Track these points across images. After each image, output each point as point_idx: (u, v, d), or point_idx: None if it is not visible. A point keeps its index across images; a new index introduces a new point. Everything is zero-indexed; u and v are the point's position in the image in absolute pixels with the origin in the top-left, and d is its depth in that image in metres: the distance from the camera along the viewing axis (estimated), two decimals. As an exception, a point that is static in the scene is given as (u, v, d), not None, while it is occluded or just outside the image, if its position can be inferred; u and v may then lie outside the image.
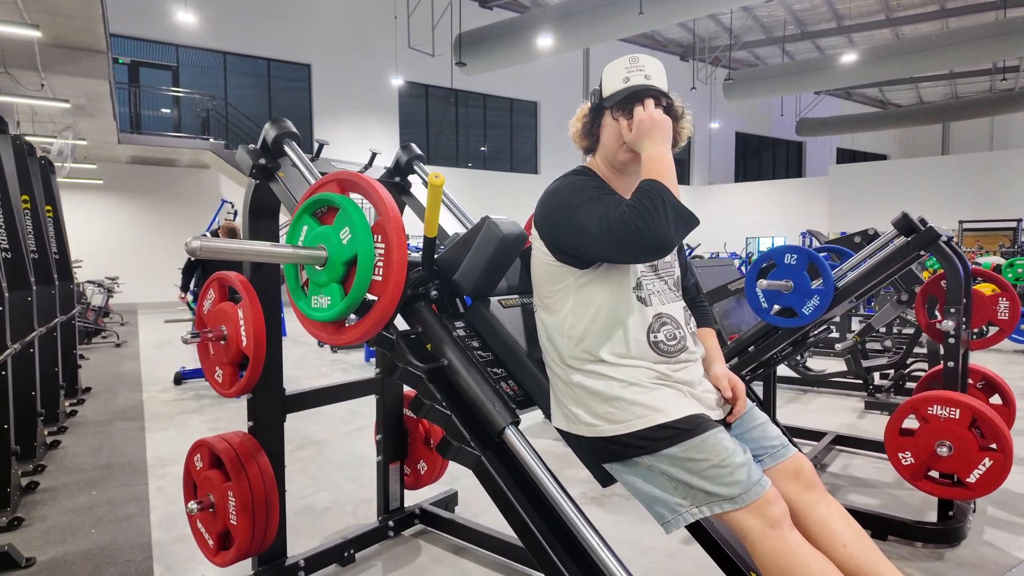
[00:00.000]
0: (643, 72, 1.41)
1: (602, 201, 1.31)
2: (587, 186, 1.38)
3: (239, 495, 1.87)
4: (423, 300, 1.57)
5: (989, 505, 2.76)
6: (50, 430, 3.90)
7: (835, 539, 1.25)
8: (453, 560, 2.33)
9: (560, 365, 1.41)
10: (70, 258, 5.04)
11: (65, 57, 6.32)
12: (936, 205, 17.71)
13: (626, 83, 1.41)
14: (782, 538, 1.17)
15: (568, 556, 1.31)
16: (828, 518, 1.29)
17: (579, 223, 1.32)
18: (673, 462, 1.26)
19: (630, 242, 1.23)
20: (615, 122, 1.43)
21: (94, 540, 2.49)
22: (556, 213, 1.38)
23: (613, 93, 1.42)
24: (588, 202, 1.33)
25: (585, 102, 1.54)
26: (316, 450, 3.67)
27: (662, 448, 1.27)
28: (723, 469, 1.22)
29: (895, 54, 15.06)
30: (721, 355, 1.51)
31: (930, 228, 2.50)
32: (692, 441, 1.25)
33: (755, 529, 1.18)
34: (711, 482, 1.22)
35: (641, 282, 1.41)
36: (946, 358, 2.48)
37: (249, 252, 1.29)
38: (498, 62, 14.11)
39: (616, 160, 1.46)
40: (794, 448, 1.40)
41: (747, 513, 1.19)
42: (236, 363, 1.97)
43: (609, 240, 1.26)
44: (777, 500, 1.20)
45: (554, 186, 1.44)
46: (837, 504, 1.33)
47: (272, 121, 1.93)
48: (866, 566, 1.23)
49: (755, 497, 1.20)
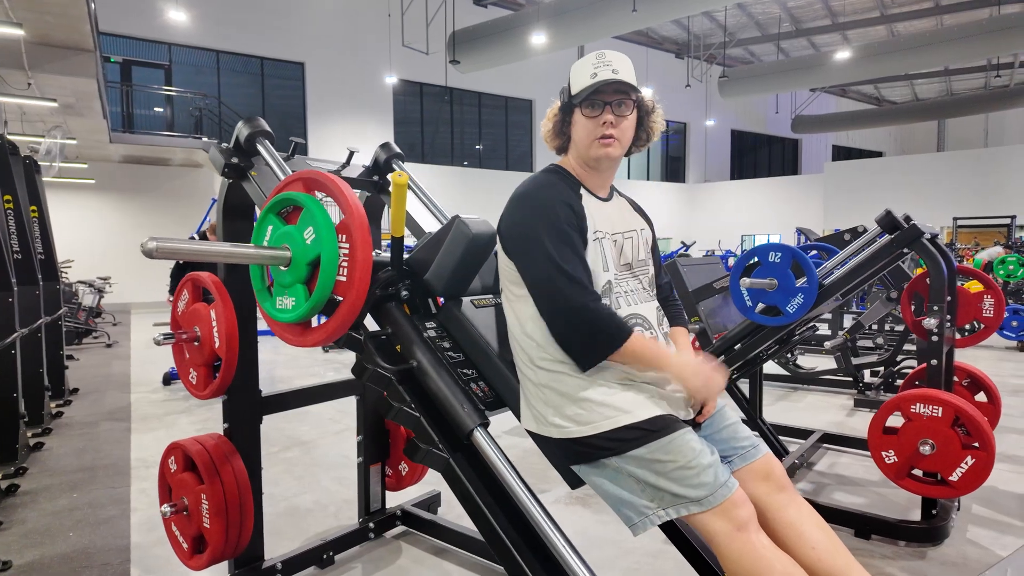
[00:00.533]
0: (610, 67, 1.40)
1: (564, 252, 1.32)
2: (554, 205, 1.36)
3: (212, 498, 1.85)
4: (394, 301, 1.55)
5: (974, 503, 2.75)
6: (34, 432, 3.87)
7: (804, 542, 1.24)
8: (433, 562, 2.31)
9: (529, 366, 1.40)
10: (56, 258, 5.01)
11: (52, 56, 6.27)
12: (931, 202, 17.75)
13: (593, 79, 1.39)
14: (748, 541, 1.15)
15: (535, 559, 1.29)
16: (798, 520, 1.27)
17: (532, 257, 1.34)
18: (640, 463, 1.25)
19: (560, 317, 1.30)
20: (586, 119, 1.41)
21: (72, 543, 2.46)
22: (517, 229, 1.39)
23: (581, 90, 1.41)
24: (551, 239, 1.33)
25: (555, 100, 1.52)
26: (303, 451, 3.65)
27: (629, 449, 1.25)
28: (690, 471, 1.20)
29: (890, 51, 15.08)
30: (692, 353, 1.49)
31: (913, 225, 2.49)
32: (659, 442, 1.24)
33: (721, 532, 1.16)
34: (678, 484, 1.21)
35: (612, 285, 1.40)
36: (929, 356, 2.47)
37: (210, 253, 1.27)
38: (492, 60, 14.08)
39: (588, 157, 1.44)
40: (765, 448, 1.39)
41: (713, 515, 1.17)
42: (210, 364, 1.94)
43: (546, 298, 1.32)
44: (744, 503, 1.18)
45: (522, 189, 1.43)
46: (808, 506, 1.31)
47: (245, 120, 1.91)
48: (835, 570, 1.21)
49: (721, 499, 1.18)
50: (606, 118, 1.39)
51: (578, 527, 2.57)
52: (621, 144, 1.43)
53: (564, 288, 1.29)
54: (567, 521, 2.63)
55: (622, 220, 1.51)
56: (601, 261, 1.40)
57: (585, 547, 2.39)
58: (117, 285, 10.78)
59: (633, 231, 1.52)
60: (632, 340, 1.29)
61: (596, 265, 1.39)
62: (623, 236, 1.49)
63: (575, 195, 1.43)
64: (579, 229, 1.38)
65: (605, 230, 1.44)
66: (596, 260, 1.39)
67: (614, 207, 1.53)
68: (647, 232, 1.59)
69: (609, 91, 1.40)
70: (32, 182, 4.67)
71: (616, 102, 1.40)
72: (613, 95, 1.40)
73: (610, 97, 1.40)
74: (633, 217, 1.57)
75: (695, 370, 1.29)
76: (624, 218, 1.53)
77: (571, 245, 1.34)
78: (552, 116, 1.51)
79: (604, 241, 1.43)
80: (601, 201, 1.49)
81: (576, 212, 1.38)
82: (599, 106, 1.40)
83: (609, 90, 1.39)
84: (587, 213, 1.42)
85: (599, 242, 1.41)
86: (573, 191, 1.44)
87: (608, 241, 1.44)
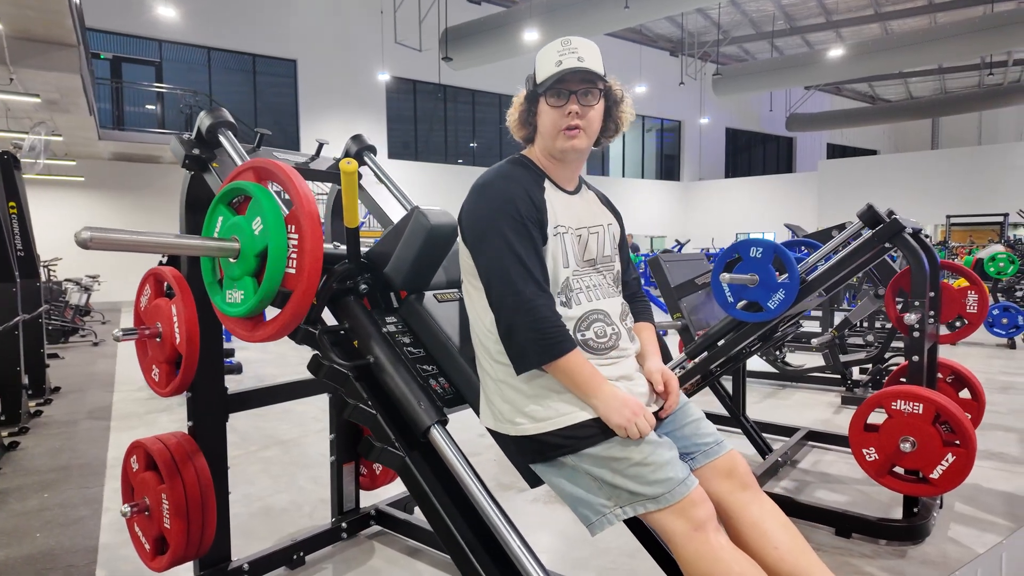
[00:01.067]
0: (575, 55, 1.34)
1: (523, 246, 1.27)
2: (514, 196, 1.31)
3: (172, 498, 1.80)
4: (352, 294, 1.51)
5: (957, 501, 2.72)
6: (10, 431, 3.82)
7: (767, 541, 1.20)
8: (406, 562, 2.27)
9: (488, 361, 1.35)
10: (36, 255, 4.94)
11: (34, 50, 6.19)
12: (925, 200, 17.78)
13: (558, 67, 1.34)
14: (706, 541, 1.11)
15: (491, 560, 1.25)
16: (761, 519, 1.23)
17: (489, 247, 1.29)
18: (596, 461, 1.21)
19: (508, 312, 1.26)
20: (551, 109, 1.36)
21: (38, 544, 2.41)
22: (475, 218, 1.34)
23: (546, 79, 1.36)
24: (509, 231, 1.28)
25: (521, 90, 1.48)
26: (282, 450, 3.60)
27: (584, 447, 1.21)
28: (646, 467, 1.16)
29: (884, 49, 15.08)
30: (657, 350, 1.45)
31: (894, 220, 2.45)
32: (615, 439, 1.20)
33: (679, 532, 1.12)
34: (634, 481, 1.17)
35: (569, 283, 1.36)
36: (911, 352, 2.44)
37: (152, 244, 1.22)
38: (485, 57, 14.03)
39: (555, 149, 1.39)
40: (728, 446, 1.35)
41: (671, 515, 1.13)
42: (172, 361, 1.89)
43: (498, 290, 1.27)
44: (703, 502, 1.14)
45: (483, 179, 1.38)
46: (772, 504, 1.27)
47: (207, 110, 1.86)
48: (799, 570, 1.17)
49: (679, 497, 1.14)
50: (571, 108, 1.34)
51: (556, 527, 2.53)
52: (588, 135, 1.38)
53: (518, 283, 1.25)
54: (545, 520, 2.59)
55: (589, 214, 1.47)
56: (562, 256, 1.36)
57: (562, 547, 2.36)
58: (106, 284, 10.70)
59: (600, 226, 1.48)
60: (570, 357, 1.24)
61: (556, 261, 1.35)
62: (588, 231, 1.44)
63: (537, 187, 1.38)
64: (539, 223, 1.33)
65: (568, 224, 1.40)
66: (556, 255, 1.35)
67: (581, 201, 1.48)
68: (615, 227, 1.54)
69: (575, 80, 1.35)
70: (11, 178, 4.60)
71: (582, 91, 1.35)
72: (579, 84, 1.35)
73: (575, 86, 1.35)
74: (601, 211, 1.52)
75: (622, 403, 1.23)
76: (591, 212, 1.48)
77: (530, 239, 1.30)
78: (518, 105, 1.46)
79: (566, 236, 1.38)
80: (567, 194, 1.45)
81: (536, 205, 1.34)
82: (564, 95, 1.35)
83: (575, 79, 1.34)
84: (549, 207, 1.37)
85: (560, 237, 1.37)
86: (536, 183, 1.39)
87: (571, 236, 1.40)
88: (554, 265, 1.35)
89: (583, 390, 1.24)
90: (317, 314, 1.45)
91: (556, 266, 1.35)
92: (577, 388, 1.25)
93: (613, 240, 1.51)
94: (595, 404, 1.23)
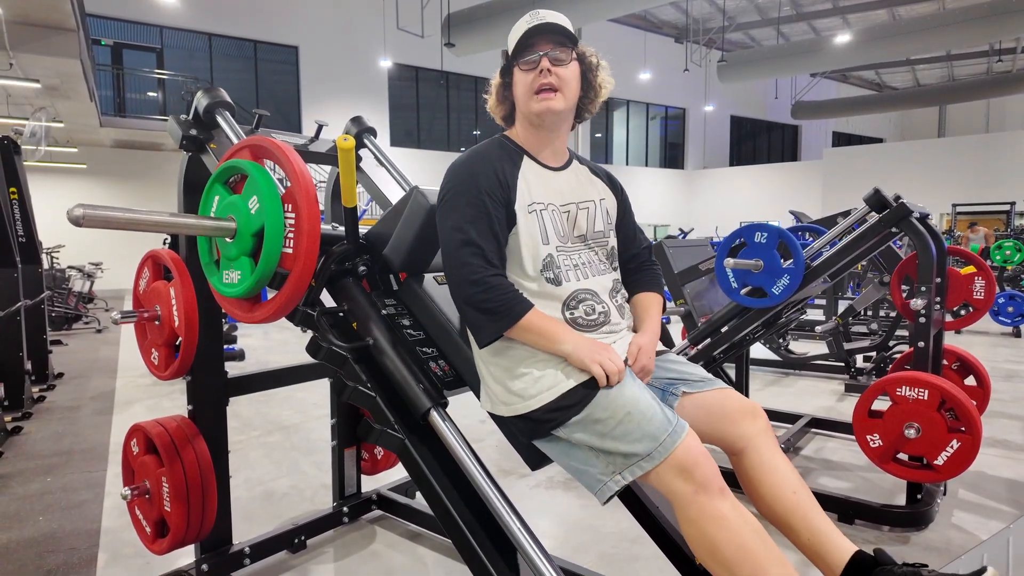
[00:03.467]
0: (543, 20, 1.36)
1: (476, 223, 1.28)
2: (478, 174, 1.31)
3: (172, 481, 1.79)
4: (351, 276, 1.49)
5: (961, 488, 2.71)
6: (13, 416, 3.83)
7: (787, 484, 1.24)
8: (407, 546, 2.27)
9: None
10: (37, 241, 4.93)
11: (33, 35, 6.15)
12: (931, 188, 17.63)
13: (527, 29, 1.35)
14: (711, 504, 1.08)
15: (491, 541, 1.24)
16: (781, 464, 1.28)
17: (447, 225, 1.30)
18: (583, 428, 1.20)
19: (460, 289, 1.27)
20: (523, 73, 1.36)
21: (40, 528, 2.42)
22: (441, 200, 1.34)
23: (515, 44, 1.36)
24: (465, 208, 1.29)
25: (496, 74, 1.46)
26: (284, 435, 3.61)
27: (570, 417, 1.21)
28: (630, 423, 1.15)
29: (891, 35, 14.89)
30: (655, 328, 1.42)
31: (901, 204, 2.42)
32: (594, 401, 1.20)
33: (681, 493, 1.10)
34: (623, 442, 1.15)
35: (554, 260, 1.34)
36: (916, 338, 2.41)
37: (147, 223, 1.20)
38: (488, 43, 13.89)
39: (531, 112, 1.37)
40: (719, 383, 1.36)
41: (673, 474, 1.11)
42: (171, 344, 1.88)
43: (450, 268, 1.29)
44: (706, 462, 1.11)
45: (458, 159, 1.38)
46: (788, 461, 1.32)
47: (204, 89, 1.84)
48: (812, 514, 1.23)
49: (672, 447, 1.12)
50: (542, 66, 1.33)
51: (557, 511, 2.53)
52: (564, 97, 1.36)
53: (465, 258, 1.26)
54: (548, 505, 2.59)
55: (577, 189, 1.44)
56: (540, 233, 1.34)
57: (564, 532, 2.36)
58: (109, 271, 10.71)
59: (591, 201, 1.45)
60: (527, 318, 1.25)
61: (533, 238, 1.33)
62: (577, 206, 1.42)
63: (511, 165, 1.37)
64: (503, 201, 1.32)
65: (549, 201, 1.38)
66: (533, 232, 1.33)
67: (568, 176, 1.45)
68: (609, 201, 1.51)
69: (543, 41, 1.34)
70: (11, 164, 4.58)
71: (552, 52, 1.34)
72: (548, 44, 1.35)
73: (545, 47, 1.34)
74: (592, 186, 1.49)
75: (591, 344, 1.24)
76: (581, 187, 1.46)
77: (486, 216, 1.29)
78: (495, 85, 1.46)
79: (545, 213, 1.36)
80: (549, 170, 1.42)
81: (501, 182, 1.32)
82: (535, 56, 1.34)
83: (543, 40, 1.34)
84: (523, 183, 1.35)
85: (537, 214, 1.35)
86: (511, 160, 1.38)
87: (552, 212, 1.37)
88: (532, 243, 1.33)
89: (550, 339, 1.25)
90: (315, 296, 1.43)
91: (535, 243, 1.33)
92: (545, 340, 1.25)
93: (607, 215, 1.48)
94: (564, 350, 1.24)
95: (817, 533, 1.21)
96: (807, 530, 1.22)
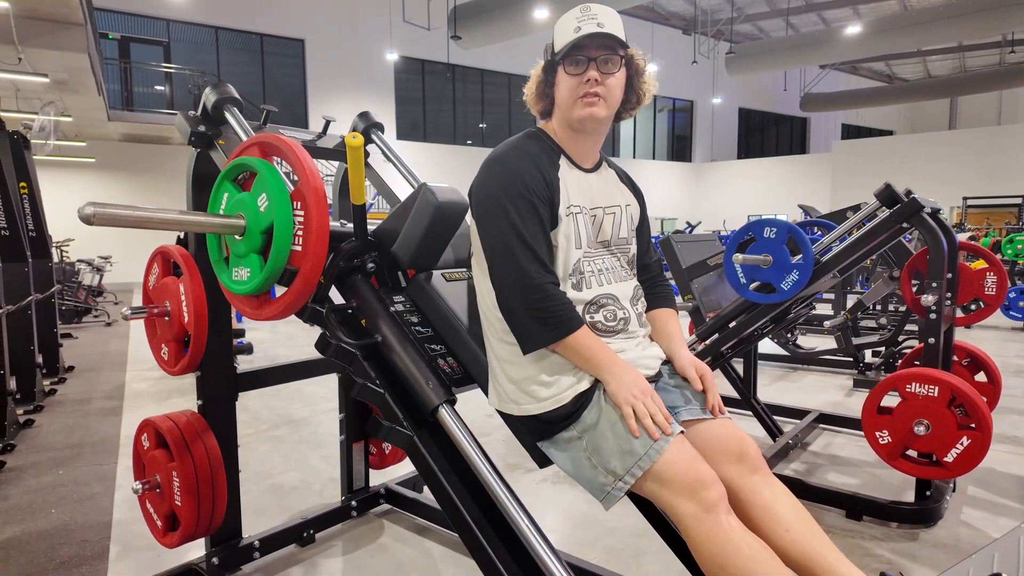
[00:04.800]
0: (595, 20, 1.29)
1: (528, 224, 1.25)
2: (524, 172, 1.28)
3: (183, 476, 1.81)
4: (359, 273, 1.49)
5: (970, 485, 2.69)
6: (25, 409, 3.87)
7: (778, 524, 1.18)
8: (415, 540, 2.28)
9: (495, 340, 1.33)
10: (47, 235, 4.96)
11: (41, 30, 6.17)
12: (942, 181, 17.46)
13: (577, 32, 1.29)
14: (717, 523, 1.09)
15: (499, 537, 1.24)
16: (772, 502, 1.20)
17: (494, 224, 1.26)
18: (586, 430, 1.21)
19: (513, 292, 1.23)
20: (569, 77, 1.31)
21: (53, 520, 2.45)
22: (483, 194, 1.31)
23: (564, 45, 1.30)
24: (515, 208, 1.25)
25: (539, 60, 1.43)
26: (292, 429, 3.63)
27: (576, 419, 1.21)
28: (629, 419, 1.16)
29: (902, 26, 14.71)
30: (683, 339, 1.42)
31: (913, 199, 2.40)
32: (593, 400, 1.20)
33: (689, 514, 1.10)
34: (621, 439, 1.16)
35: (580, 265, 1.33)
36: (927, 334, 2.40)
37: (156, 221, 1.20)
38: (495, 35, 13.84)
39: (572, 119, 1.33)
40: (728, 418, 1.33)
41: (680, 497, 1.11)
42: (180, 340, 1.90)
43: (501, 269, 1.25)
44: (714, 484, 1.12)
45: (495, 153, 1.34)
46: (783, 488, 1.25)
47: (212, 85, 1.83)
48: (811, 551, 1.15)
49: (666, 444, 1.13)
50: (590, 75, 1.29)
51: (564, 507, 2.54)
52: (607, 105, 1.32)
53: (523, 262, 1.22)
54: (554, 500, 2.59)
55: (606, 194, 1.42)
56: (575, 238, 1.32)
57: (570, 527, 2.36)
58: (118, 264, 10.78)
59: (617, 206, 1.43)
60: (578, 334, 1.22)
61: (568, 241, 1.31)
62: (604, 211, 1.39)
63: (551, 163, 1.34)
64: (548, 202, 1.29)
65: (582, 204, 1.35)
66: (569, 236, 1.31)
67: (598, 179, 1.43)
68: (634, 208, 1.49)
69: (593, 46, 1.29)
70: (21, 158, 4.61)
71: (602, 58, 1.30)
72: (598, 50, 1.30)
73: (595, 52, 1.29)
74: (619, 191, 1.47)
75: (633, 381, 1.20)
76: (608, 191, 1.43)
77: (537, 218, 1.26)
78: (536, 77, 1.40)
79: (580, 216, 1.34)
80: (583, 172, 1.40)
81: (547, 182, 1.30)
82: (583, 62, 1.29)
83: (593, 44, 1.29)
84: (562, 185, 1.32)
85: (573, 217, 1.33)
86: (550, 159, 1.34)
87: (585, 216, 1.35)
88: (567, 245, 1.31)
89: (593, 365, 1.23)
90: (324, 293, 1.43)
91: (569, 247, 1.31)
92: (587, 364, 1.23)
93: (631, 221, 1.46)
94: (606, 379, 1.22)
95: (818, 573, 1.15)
96: (808, 568, 1.16)
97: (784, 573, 1.08)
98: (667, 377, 1.38)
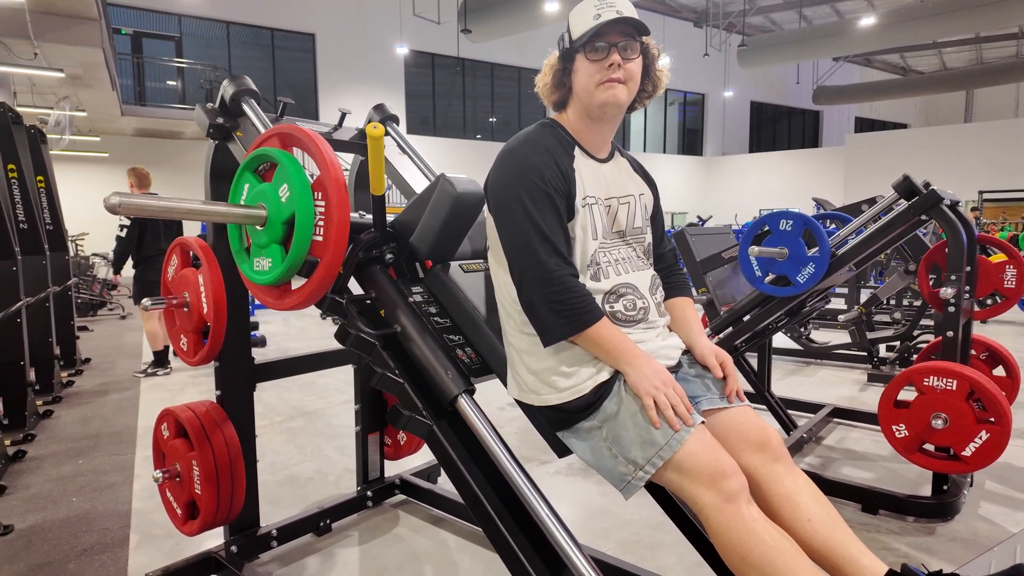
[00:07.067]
0: (614, 8, 1.28)
1: (546, 217, 1.24)
2: (540, 164, 1.27)
3: (203, 465, 1.83)
4: (378, 264, 1.50)
5: (988, 479, 2.67)
6: (44, 400, 3.92)
7: (800, 514, 1.17)
8: (431, 531, 2.29)
9: (513, 331, 1.34)
10: (64, 229, 5.02)
11: (57, 25, 6.22)
12: (957, 175, 17.22)
13: (597, 20, 1.28)
14: (738, 513, 1.09)
15: (519, 527, 1.25)
16: (794, 492, 1.20)
17: (512, 217, 1.26)
18: (606, 420, 1.21)
19: (533, 285, 1.23)
20: (589, 63, 1.30)
21: (74, 508, 2.49)
22: (499, 186, 1.30)
23: (584, 32, 1.29)
24: (533, 201, 1.24)
25: (552, 51, 1.42)
26: (307, 420, 3.66)
27: (597, 409, 1.21)
28: (649, 410, 1.16)
29: (917, 17, 14.50)
30: (701, 328, 1.42)
31: (932, 191, 2.37)
32: (613, 391, 1.20)
33: (709, 504, 1.10)
34: (642, 430, 1.16)
35: (597, 256, 1.33)
36: (945, 328, 2.38)
37: (179, 211, 1.21)
38: (504, 29, 13.79)
39: (592, 105, 1.32)
40: (745, 405, 1.32)
41: (702, 487, 1.11)
42: (200, 331, 1.91)
43: (521, 262, 1.25)
44: (735, 474, 1.12)
45: (510, 145, 1.34)
46: (805, 477, 1.24)
47: (230, 78, 1.84)
48: (832, 542, 1.15)
49: (687, 434, 1.14)
50: (612, 59, 1.28)
51: (578, 498, 2.54)
52: (629, 90, 1.31)
53: (542, 255, 1.22)
54: (568, 492, 2.60)
55: (619, 184, 1.42)
56: (591, 229, 1.32)
57: (584, 519, 2.37)
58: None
59: (631, 196, 1.42)
60: (599, 326, 1.22)
61: (585, 232, 1.31)
62: (618, 201, 1.39)
63: (566, 155, 1.33)
64: (565, 194, 1.29)
65: (597, 195, 1.35)
66: (585, 227, 1.31)
67: (612, 169, 1.42)
68: (647, 197, 1.48)
69: (614, 32, 1.28)
70: (38, 152, 4.66)
71: (622, 44, 1.29)
72: (619, 36, 1.29)
73: (616, 39, 1.29)
74: (633, 181, 1.46)
75: (654, 372, 1.19)
76: (622, 181, 1.43)
77: (554, 210, 1.26)
78: (550, 67, 1.39)
79: (595, 207, 1.34)
80: (597, 162, 1.39)
81: (563, 174, 1.29)
82: (604, 48, 1.29)
83: (614, 31, 1.28)
84: (578, 176, 1.32)
85: (589, 208, 1.32)
86: (565, 150, 1.34)
87: (600, 207, 1.35)
88: (583, 237, 1.31)
89: (614, 357, 1.22)
90: (344, 283, 1.44)
91: (586, 238, 1.31)
92: (608, 356, 1.23)
93: (645, 211, 1.46)
94: (627, 371, 1.21)
95: (840, 563, 1.15)
96: (830, 559, 1.16)
97: (806, 563, 1.08)
98: (687, 367, 1.37)
